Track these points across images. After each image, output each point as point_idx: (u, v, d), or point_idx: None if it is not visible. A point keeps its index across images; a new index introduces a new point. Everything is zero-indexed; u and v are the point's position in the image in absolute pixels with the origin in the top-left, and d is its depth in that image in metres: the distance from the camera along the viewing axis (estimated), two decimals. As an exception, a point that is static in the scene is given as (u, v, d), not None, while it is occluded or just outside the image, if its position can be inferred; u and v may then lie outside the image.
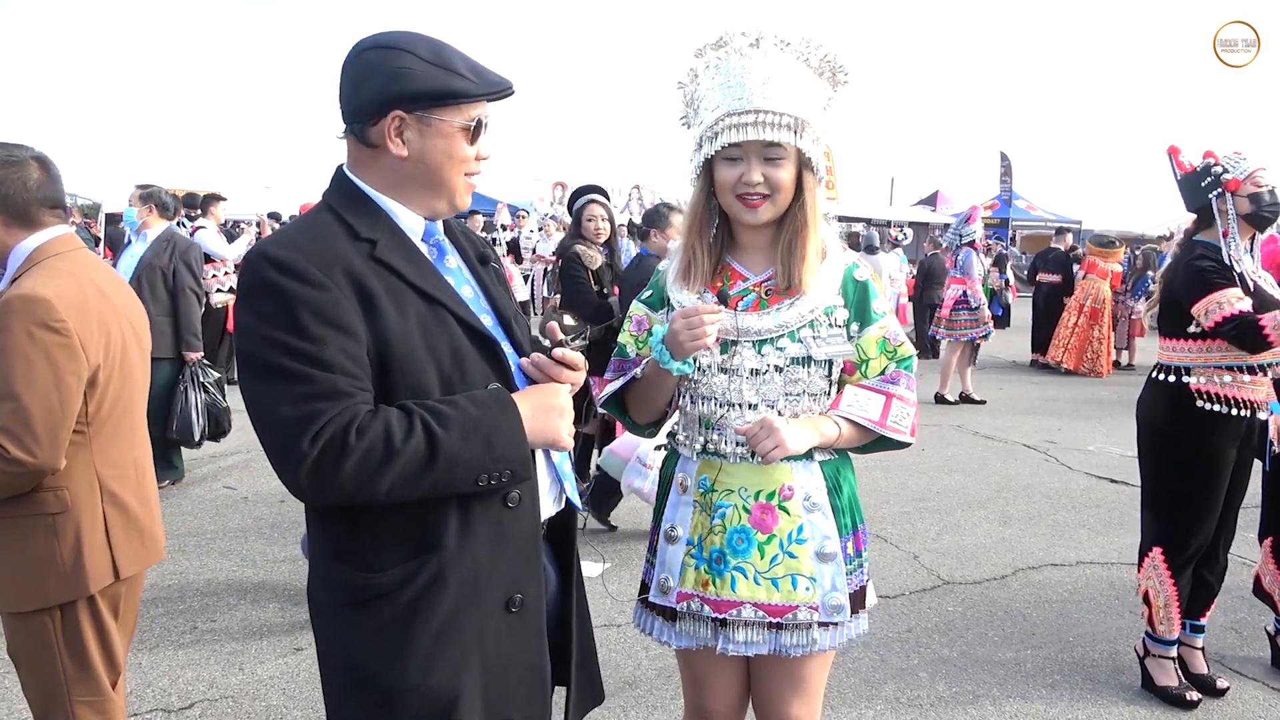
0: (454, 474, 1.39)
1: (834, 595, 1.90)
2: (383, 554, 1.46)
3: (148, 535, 2.34)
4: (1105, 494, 6.22)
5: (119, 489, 2.25)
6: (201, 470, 6.20)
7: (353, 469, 1.33)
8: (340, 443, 1.32)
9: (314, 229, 1.47)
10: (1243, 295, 3.13)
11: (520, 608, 1.54)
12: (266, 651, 3.66)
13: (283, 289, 1.36)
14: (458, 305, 1.53)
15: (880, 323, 1.95)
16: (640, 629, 2.07)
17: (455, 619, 1.47)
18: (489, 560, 1.50)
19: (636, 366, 1.92)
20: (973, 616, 4.16)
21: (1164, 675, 3.42)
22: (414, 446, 1.35)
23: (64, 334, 2.06)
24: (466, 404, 1.43)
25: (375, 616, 1.46)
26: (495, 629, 1.52)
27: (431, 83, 1.47)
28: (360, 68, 1.49)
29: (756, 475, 1.91)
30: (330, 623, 1.54)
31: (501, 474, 1.44)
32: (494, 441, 1.42)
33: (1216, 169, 3.22)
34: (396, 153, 1.49)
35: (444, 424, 1.38)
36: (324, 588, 1.54)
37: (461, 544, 1.47)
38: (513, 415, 1.46)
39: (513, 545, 1.52)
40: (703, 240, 1.96)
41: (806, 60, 1.89)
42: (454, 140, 1.51)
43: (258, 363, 1.37)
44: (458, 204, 1.58)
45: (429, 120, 1.49)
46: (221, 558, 4.67)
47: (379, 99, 1.47)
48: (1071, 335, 11.57)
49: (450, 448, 1.38)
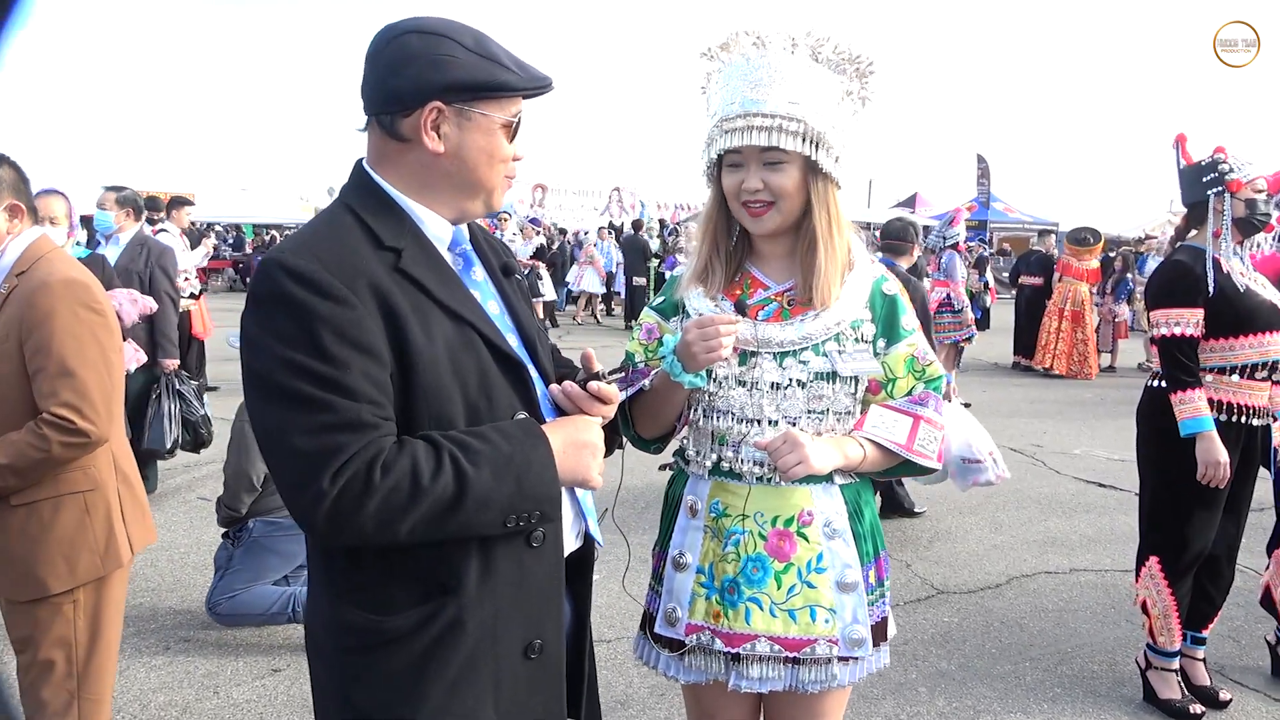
0: (482, 515, 1.28)
1: (855, 628, 1.79)
2: (395, 595, 1.34)
3: (147, 514, 2.47)
4: (1095, 498, 6.18)
5: (126, 467, 2.39)
6: (174, 481, 6.02)
7: (375, 509, 1.21)
8: (364, 481, 1.20)
9: (334, 235, 1.33)
10: (1193, 318, 3.12)
11: (540, 653, 1.42)
12: (243, 673, 3.51)
13: (302, 304, 1.22)
14: (486, 325, 1.40)
15: (909, 340, 1.84)
16: (643, 662, 1.95)
17: (471, 667, 1.35)
18: (509, 604, 1.38)
19: (644, 377, 1.80)
20: (969, 627, 4.09)
21: (1167, 688, 3.36)
22: (442, 486, 1.24)
23: (103, 314, 2.25)
24: (496, 437, 1.31)
25: (384, 663, 1.33)
26: (513, 676, 1.40)
27: (476, 73, 1.35)
28: (396, 52, 1.35)
29: (774, 499, 1.80)
30: (332, 666, 1.41)
31: (531, 515, 1.33)
32: (525, 480, 1.30)
33: (1224, 166, 3.16)
34: (432, 148, 1.36)
35: (474, 460, 1.27)
36: (326, 630, 1.41)
37: (482, 587, 1.35)
38: (545, 451, 1.34)
39: (534, 587, 1.41)
40: (720, 248, 1.86)
41: (816, 56, 1.78)
42: (494, 137, 1.39)
43: (271, 385, 1.24)
44: (494, 204, 1.46)
45: (469, 114, 1.36)
46: (196, 573, 4.50)
47: (417, 87, 1.33)
48: (1057, 340, 11.60)
49: (481, 487, 1.26)
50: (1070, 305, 11.57)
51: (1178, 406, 3.12)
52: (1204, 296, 3.13)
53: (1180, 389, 3.13)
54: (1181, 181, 3.32)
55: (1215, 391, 3.16)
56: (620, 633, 3.68)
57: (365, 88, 1.39)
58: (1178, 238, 3.42)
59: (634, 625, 3.74)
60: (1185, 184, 3.31)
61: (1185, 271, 3.18)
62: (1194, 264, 3.17)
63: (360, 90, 1.41)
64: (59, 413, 2.12)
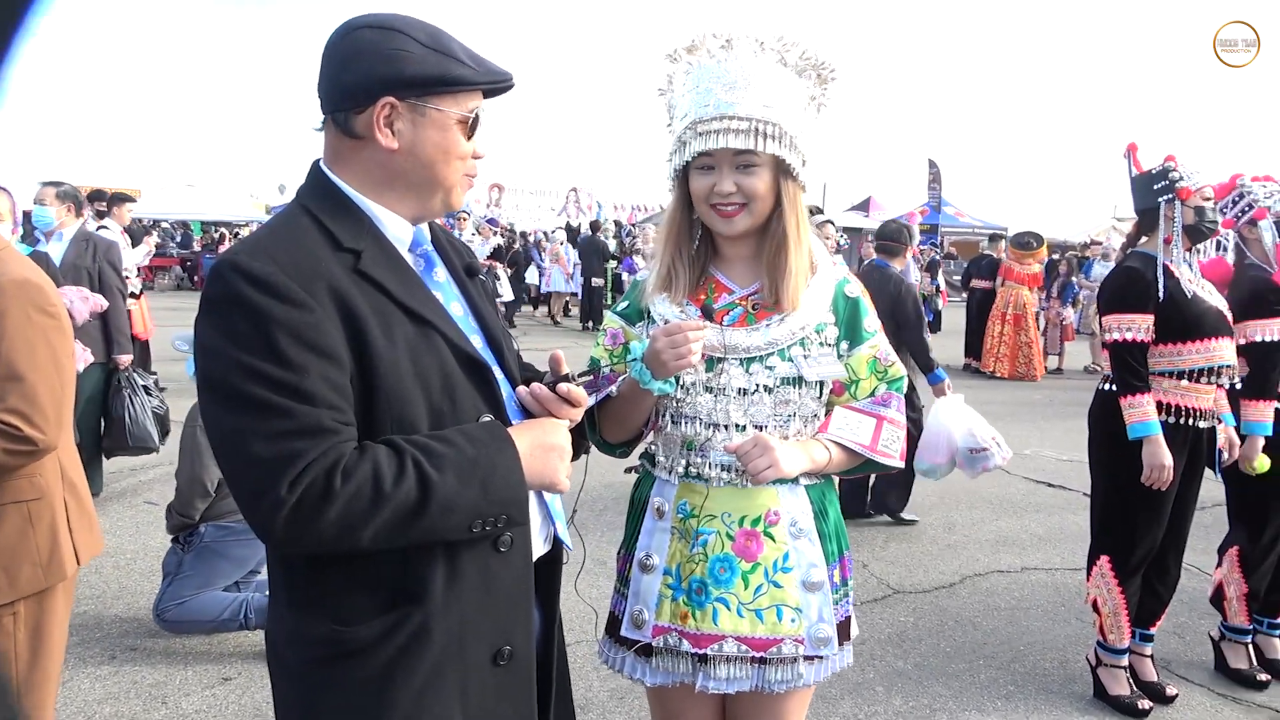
0: (447, 521, 1.25)
1: (821, 627, 1.80)
2: (357, 604, 1.30)
3: (95, 524, 2.37)
4: (1044, 498, 6.31)
5: (74, 476, 2.29)
6: (121, 484, 5.86)
7: (336, 517, 1.17)
8: (323, 487, 1.17)
9: (291, 236, 1.30)
10: (1143, 323, 3.20)
11: (509, 660, 1.39)
12: (192, 683, 3.42)
13: (257, 307, 1.19)
14: (449, 326, 1.38)
15: (871, 342, 1.85)
16: (609, 666, 1.93)
17: (438, 676, 1.32)
18: (476, 610, 1.35)
19: (610, 383, 1.79)
20: (924, 626, 4.14)
21: (1116, 684, 3.43)
22: (405, 491, 1.21)
23: (57, 317, 2.15)
24: (461, 441, 1.29)
25: (349, 674, 1.30)
26: (481, 684, 1.37)
27: (429, 68, 1.32)
28: (348, 48, 1.33)
29: (741, 500, 1.80)
30: (294, 678, 1.37)
31: (498, 519, 1.30)
32: (491, 484, 1.28)
33: (1174, 174, 3.24)
34: (385, 145, 1.33)
35: (438, 464, 1.24)
36: (286, 641, 1.37)
37: (448, 594, 1.32)
38: (511, 454, 1.32)
39: (502, 593, 1.38)
40: (683, 252, 1.85)
41: (783, 60, 1.79)
42: (450, 133, 1.36)
43: (227, 391, 1.20)
44: (452, 203, 1.43)
45: (423, 110, 1.34)
46: (143, 579, 4.38)
47: (369, 82, 1.31)
48: (1000, 344, 11.84)
49: (445, 492, 1.23)
50: (1012, 309, 11.81)
51: (1126, 410, 3.20)
52: (1154, 302, 3.20)
53: (1129, 393, 3.20)
54: (1133, 189, 3.40)
55: (1164, 395, 3.24)
56: (579, 636, 3.66)
57: (320, 85, 1.37)
58: (1129, 244, 3.50)
59: (591, 628, 3.73)
60: (1137, 191, 3.38)
61: (1137, 278, 3.26)
62: (1145, 270, 3.25)
63: (316, 88, 1.38)
64: (6, 419, 2.03)
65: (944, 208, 25.47)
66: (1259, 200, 3.64)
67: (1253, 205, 3.63)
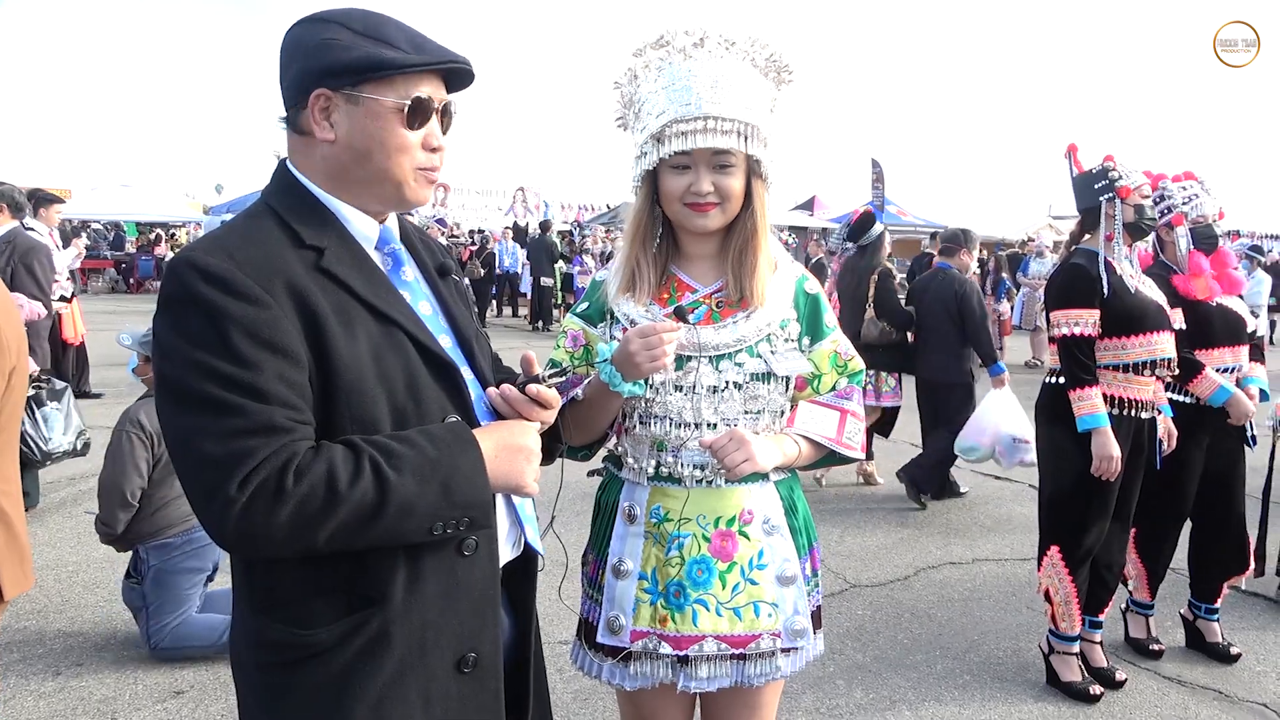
0: (406, 523, 1.22)
1: (796, 619, 1.83)
2: (316, 608, 1.28)
3: (27, 557, 2.18)
4: (992, 490, 6.44)
5: (6, 504, 2.10)
6: (58, 495, 5.66)
7: (288, 517, 1.15)
8: (275, 487, 1.14)
9: (250, 233, 1.28)
10: (1090, 318, 3.29)
11: (474, 667, 1.37)
12: (142, 698, 3.32)
13: (212, 304, 1.17)
14: (414, 325, 1.35)
15: (831, 337, 1.89)
16: (584, 672, 1.92)
17: (399, 682, 1.30)
18: (439, 615, 1.33)
19: (574, 386, 1.78)
20: (881, 619, 4.20)
21: (1068, 671, 3.52)
22: (361, 492, 1.18)
23: None
24: (422, 441, 1.26)
25: (307, 679, 1.28)
26: (444, 691, 1.35)
27: (355, 55, 1.29)
28: (287, 46, 1.33)
29: (714, 500, 1.81)
30: (254, 685, 1.35)
31: (459, 522, 1.28)
32: (452, 485, 1.25)
33: (1114, 174, 3.34)
34: (322, 137, 1.31)
35: (396, 465, 1.21)
36: (246, 644, 1.34)
37: (409, 597, 1.30)
38: (474, 455, 1.29)
39: (467, 598, 1.36)
40: (647, 251, 1.84)
41: (752, 60, 1.79)
42: (386, 122, 1.32)
43: (180, 389, 1.18)
44: (407, 197, 1.38)
45: (356, 99, 1.31)
46: (86, 591, 4.24)
47: (302, 76, 1.30)
48: None
49: (403, 493, 1.21)
50: None
51: (1076, 403, 3.28)
52: (1100, 298, 3.30)
53: (1078, 386, 3.29)
54: (1075, 188, 3.50)
55: (1108, 387, 3.33)
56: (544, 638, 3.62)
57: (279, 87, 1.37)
58: (1072, 242, 3.59)
59: (555, 632, 3.72)
60: (1078, 190, 3.48)
61: (1082, 274, 3.35)
62: (1090, 267, 3.34)
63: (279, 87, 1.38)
64: None
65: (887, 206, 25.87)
66: (1177, 205, 3.77)
67: (1171, 209, 3.76)
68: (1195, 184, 3.86)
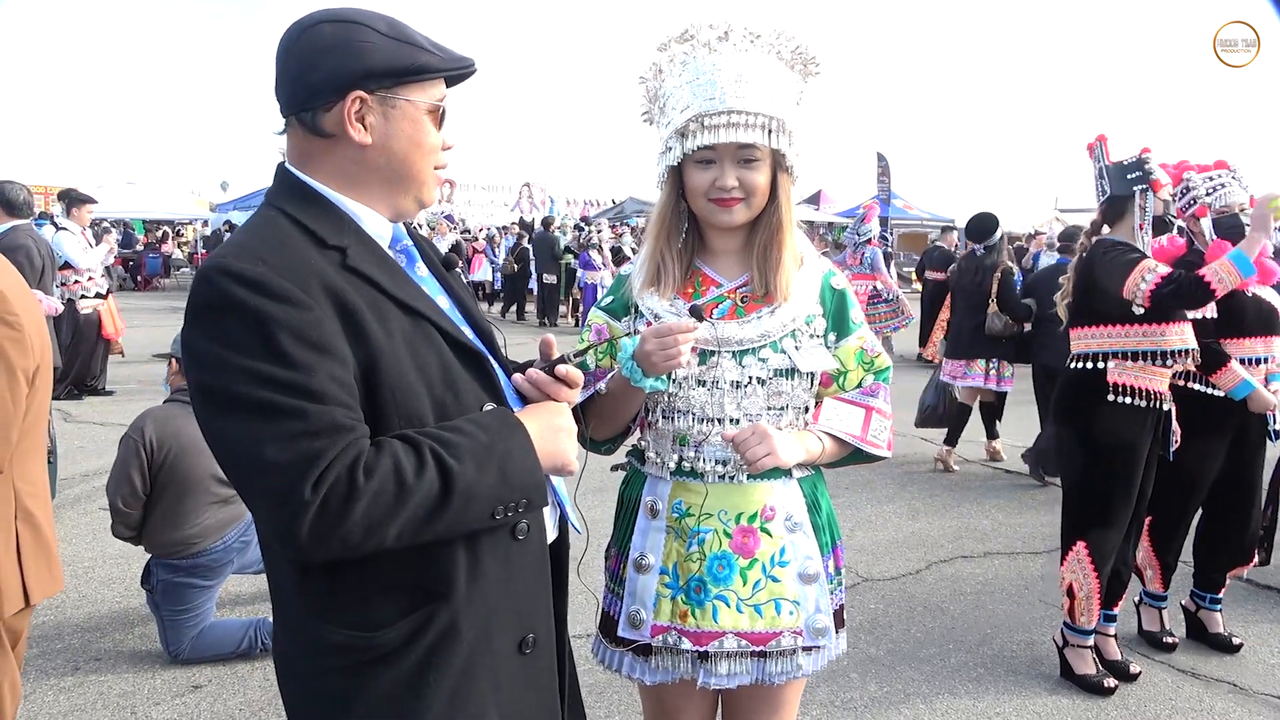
0: (470, 509, 1.23)
1: (818, 617, 1.82)
2: (379, 608, 1.27)
3: (54, 561, 2.16)
4: (1003, 484, 6.44)
5: (33, 506, 2.08)
6: (73, 491, 5.69)
7: (362, 515, 1.14)
8: (347, 486, 1.14)
9: (274, 237, 1.26)
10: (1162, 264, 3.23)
11: (533, 647, 1.39)
12: (161, 691, 3.34)
13: (254, 309, 1.15)
14: (441, 318, 1.36)
15: (858, 333, 1.87)
16: (604, 665, 1.93)
17: (470, 672, 1.30)
18: (500, 600, 1.34)
19: (599, 380, 1.78)
20: (894, 613, 4.21)
21: (1083, 664, 3.52)
22: (428, 482, 1.18)
23: (16, 328, 1.97)
24: (473, 429, 1.27)
25: (378, 682, 1.26)
26: (510, 674, 1.36)
27: (396, 58, 1.29)
28: (309, 45, 1.29)
29: (737, 497, 1.81)
30: (313, 693, 1.32)
31: (518, 504, 1.29)
32: (509, 468, 1.26)
33: (1149, 166, 3.31)
34: (359, 140, 1.30)
35: (455, 454, 1.22)
36: (305, 654, 1.32)
37: (472, 587, 1.30)
38: (523, 438, 1.30)
39: (522, 581, 1.38)
40: (672, 245, 1.84)
41: (778, 53, 1.78)
42: (421, 124, 1.34)
43: (231, 399, 1.16)
44: (425, 199, 1.40)
45: (393, 101, 1.31)
46: (103, 587, 4.27)
47: (336, 78, 1.28)
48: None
49: (466, 480, 1.21)
50: None
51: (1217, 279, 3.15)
52: None
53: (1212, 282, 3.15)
54: (1107, 178, 3.44)
55: (1134, 379, 3.30)
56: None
57: (280, 87, 1.33)
58: (1094, 231, 3.57)
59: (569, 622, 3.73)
60: (1111, 179, 3.43)
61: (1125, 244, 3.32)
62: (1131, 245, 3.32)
63: (275, 90, 1.34)
64: None
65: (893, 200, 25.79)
66: (1201, 197, 3.75)
67: (1195, 201, 3.74)
68: (1225, 173, 3.83)
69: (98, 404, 8.24)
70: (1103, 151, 3.47)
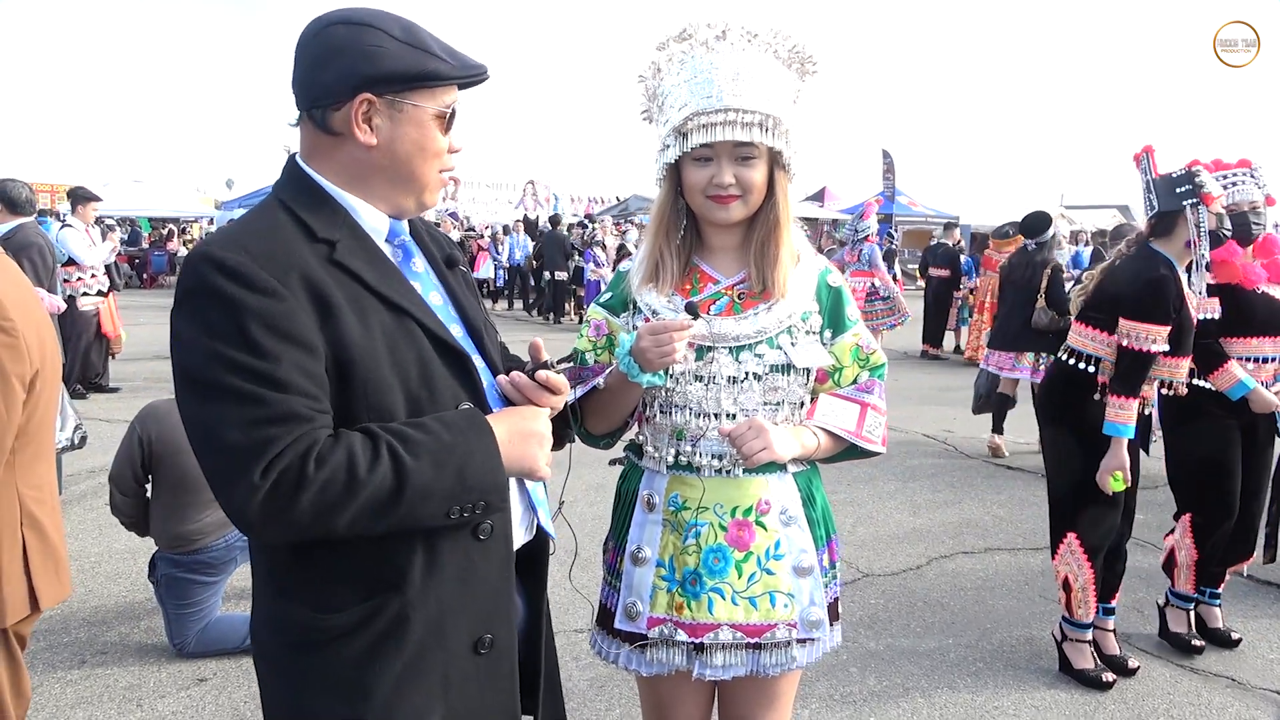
0: (424, 507, 1.26)
1: (813, 610, 1.85)
2: (336, 592, 1.32)
3: (63, 567, 2.16)
4: (1005, 480, 6.45)
5: (39, 513, 2.08)
6: (79, 488, 5.73)
7: (310, 503, 1.18)
8: (297, 473, 1.18)
9: (264, 228, 1.31)
10: (1164, 334, 3.22)
11: (490, 648, 1.42)
12: (166, 684, 3.38)
13: (230, 297, 1.20)
14: (426, 315, 1.39)
15: (853, 330, 1.90)
16: (601, 657, 1.95)
17: (419, 663, 1.34)
18: (456, 598, 1.37)
19: (596, 375, 1.81)
20: (895, 608, 4.23)
21: (1081, 658, 3.54)
22: (380, 477, 1.22)
23: (11, 334, 1.96)
24: (437, 427, 1.30)
25: (329, 661, 1.32)
26: (462, 672, 1.39)
27: (406, 63, 1.33)
28: (323, 45, 1.34)
29: (732, 490, 1.83)
30: (276, 667, 1.39)
31: (475, 505, 1.32)
32: (468, 469, 1.29)
33: (1200, 179, 3.23)
34: (364, 141, 1.34)
35: (413, 451, 1.25)
36: (268, 628, 1.39)
37: (427, 582, 1.34)
38: (488, 440, 1.33)
39: (483, 582, 1.40)
40: (670, 242, 1.86)
41: (775, 52, 1.80)
42: (427, 129, 1.38)
43: (200, 381, 1.21)
44: (426, 201, 1.44)
45: (401, 105, 1.35)
46: (109, 582, 4.31)
47: (346, 79, 1.32)
48: (980, 333, 11.95)
49: (420, 478, 1.24)
50: (990, 298, 11.89)
51: (1115, 408, 3.22)
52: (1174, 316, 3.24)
53: (1126, 395, 3.23)
54: (1155, 192, 3.37)
55: None
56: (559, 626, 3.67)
57: (295, 82, 1.37)
58: (1139, 240, 3.48)
59: (571, 619, 3.76)
60: (1160, 194, 3.35)
61: (1168, 290, 3.24)
62: (1173, 280, 3.26)
63: (291, 85, 1.38)
64: None
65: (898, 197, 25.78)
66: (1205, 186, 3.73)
67: None
68: (1243, 170, 3.79)
69: (103, 401, 8.29)
70: (1149, 164, 3.39)
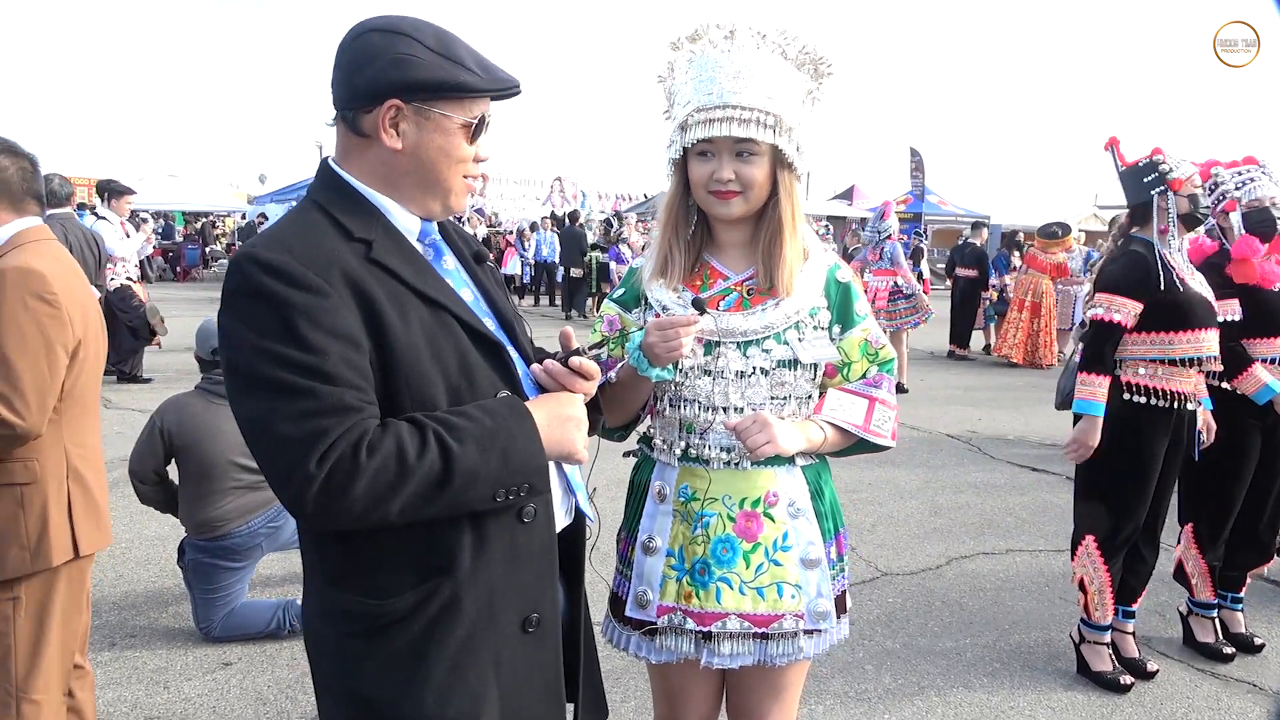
0: (471, 491, 1.31)
1: (819, 602, 1.87)
2: (390, 578, 1.37)
3: (103, 518, 2.41)
4: (1028, 482, 6.41)
5: (83, 468, 2.32)
6: (111, 475, 5.80)
7: (364, 490, 1.23)
8: (350, 462, 1.23)
9: (304, 228, 1.37)
10: (1133, 310, 3.25)
11: (536, 627, 1.46)
12: (193, 668, 3.47)
13: (276, 295, 1.25)
14: (461, 309, 1.44)
15: (862, 325, 1.92)
16: (613, 644, 2.00)
17: (471, 644, 1.39)
18: (504, 580, 1.42)
19: (610, 369, 1.84)
20: (912, 607, 4.23)
21: (1099, 660, 3.53)
22: (429, 463, 1.27)
23: (55, 305, 2.19)
24: (479, 414, 1.35)
25: (386, 646, 1.37)
26: (512, 651, 1.44)
27: (435, 73, 1.37)
28: (359, 50, 1.39)
29: (741, 482, 1.86)
30: (332, 654, 1.44)
31: (520, 488, 1.36)
32: (511, 453, 1.34)
33: (1164, 166, 3.28)
34: (389, 144, 1.39)
35: (458, 437, 1.30)
36: (323, 617, 1.44)
37: (476, 564, 1.38)
38: (529, 424, 1.38)
39: (528, 562, 1.45)
40: (679, 237, 1.90)
41: (784, 52, 1.83)
42: (452, 137, 1.42)
43: (252, 377, 1.26)
44: (452, 206, 1.49)
45: (428, 113, 1.39)
46: (139, 567, 4.42)
47: (376, 85, 1.37)
48: (1016, 330, 11.85)
49: (467, 462, 1.29)
50: (1031, 297, 11.77)
51: (1081, 385, 3.27)
52: (1151, 292, 3.25)
53: (1092, 371, 3.28)
54: (1123, 183, 3.43)
55: (1151, 380, 3.29)
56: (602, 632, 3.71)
57: (333, 84, 1.43)
58: (1122, 233, 3.53)
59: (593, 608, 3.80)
60: (1127, 184, 3.41)
61: (1140, 264, 3.29)
62: (1149, 257, 3.29)
63: (330, 86, 1.44)
64: None
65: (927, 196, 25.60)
66: (1230, 192, 3.71)
67: (1225, 196, 3.71)
68: (1254, 168, 3.78)
69: (137, 391, 8.45)
70: (1115, 155, 3.44)
